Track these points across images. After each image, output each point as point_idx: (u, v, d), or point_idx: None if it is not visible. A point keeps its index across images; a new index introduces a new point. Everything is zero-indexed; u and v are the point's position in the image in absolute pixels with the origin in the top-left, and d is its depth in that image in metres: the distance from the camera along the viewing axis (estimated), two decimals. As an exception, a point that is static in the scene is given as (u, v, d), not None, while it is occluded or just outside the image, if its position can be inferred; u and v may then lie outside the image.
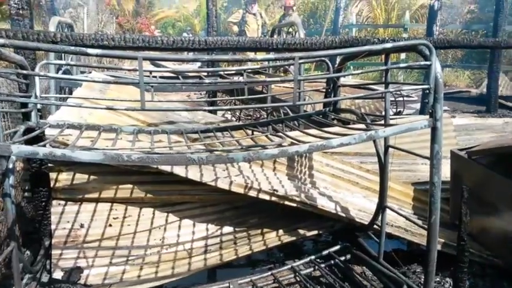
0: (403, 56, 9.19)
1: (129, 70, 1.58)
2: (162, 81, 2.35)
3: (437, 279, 2.28)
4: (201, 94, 5.38)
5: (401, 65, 2.12)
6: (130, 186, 2.36)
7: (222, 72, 3.77)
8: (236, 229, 2.50)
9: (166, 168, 2.26)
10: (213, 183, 2.31)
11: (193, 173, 2.29)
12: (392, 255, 2.35)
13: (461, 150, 2.61)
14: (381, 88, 3.08)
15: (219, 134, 2.37)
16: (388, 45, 1.66)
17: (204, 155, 1.47)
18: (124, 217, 2.37)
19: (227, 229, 2.48)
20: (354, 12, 11.94)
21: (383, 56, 1.96)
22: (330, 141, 1.60)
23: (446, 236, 2.44)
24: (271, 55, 1.62)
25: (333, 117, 2.86)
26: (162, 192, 2.44)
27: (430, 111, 1.71)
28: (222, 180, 2.34)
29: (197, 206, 2.51)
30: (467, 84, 9.79)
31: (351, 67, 9.74)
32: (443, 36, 10.55)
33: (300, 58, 1.55)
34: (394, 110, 4.99)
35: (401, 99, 4.99)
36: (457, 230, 1.83)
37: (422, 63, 1.69)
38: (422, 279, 2.00)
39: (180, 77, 3.66)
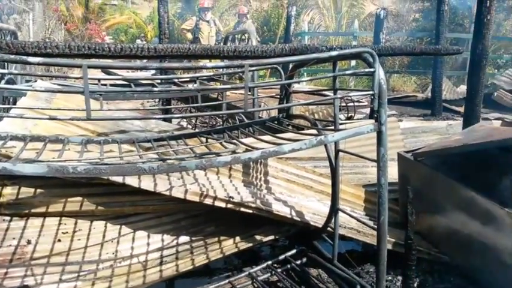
0: (353, 63, 9.53)
1: (75, 78, 1.53)
2: (111, 89, 2.29)
3: (389, 277, 2.36)
4: (154, 102, 5.29)
5: (347, 72, 2.20)
6: (80, 198, 2.27)
7: (176, 80, 3.73)
8: (193, 238, 2.46)
9: (118, 179, 2.20)
10: (167, 193, 2.27)
11: (146, 183, 2.24)
12: (346, 256, 2.41)
13: (407, 152, 2.74)
14: (331, 94, 3.18)
15: (173, 142, 2.33)
16: (334, 53, 1.72)
17: (155, 164, 1.44)
18: (74, 231, 2.27)
19: (183, 239, 2.44)
20: (306, 20, 12.24)
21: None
22: (281, 147, 1.63)
23: (396, 235, 2.54)
24: (222, 63, 1.62)
25: (287, 123, 2.91)
26: (114, 204, 2.36)
27: (375, 115, 1.78)
28: (177, 189, 2.30)
29: (152, 216, 2.46)
30: (414, 89, 10.28)
31: (305, 74, 9.97)
32: (390, 43, 11.04)
33: (250, 66, 1.57)
34: (346, 115, 5.16)
35: (352, 104, 5.17)
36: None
37: (366, 70, 1.76)
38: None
39: (132, 85, 3.58)
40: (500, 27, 13.02)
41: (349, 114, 5.28)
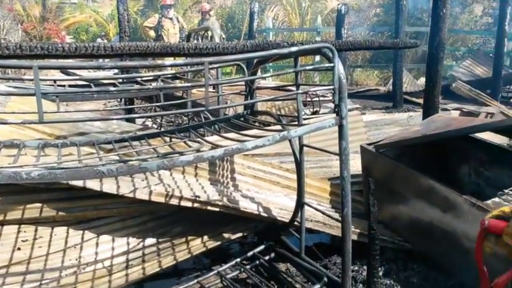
0: (317, 58, 9.65)
1: (28, 80, 1.46)
2: (66, 90, 2.21)
3: (356, 268, 2.42)
4: (117, 102, 5.16)
5: (308, 67, 2.22)
6: (40, 205, 2.19)
7: (138, 79, 3.64)
8: (159, 240, 2.43)
9: (78, 183, 2.13)
10: (131, 195, 2.22)
11: (108, 186, 2.19)
12: (313, 249, 2.44)
13: (369, 144, 2.80)
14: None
15: (135, 143, 2.28)
16: (294, 48, 1.73)
17: (114, 166, 1.40)
18: (34, 239, 2.19)
19: (150, 241, 2.40)
20: (270, 16, 12.28)
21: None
22: (244, 144, 1.62)
23: (362, 226, 2.59)
24: (181, 60, 1.60)
25: (253, 120, 2.90)
26: (76, 209, 2.29)
27: (336, 110, 1.81)
28: (141, 191, 2.26)
29: (116, 220, 2.40)
30: (377, 83, 10.53)
31: (271, 70, 9.99)
32: (351, 38, 11.24)
33: (210, 63, 1.55)
34: (312, 110, 5.22)
35: (317, 99, 5.24)
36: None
37: (326, 65, 1.78)
38: (342, 270, 2.10)
39: (92, 85, 3.47)
40: (457, 21, 13.53)
41: (315, 109, 5.35)
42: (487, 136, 2.82)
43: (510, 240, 0.99)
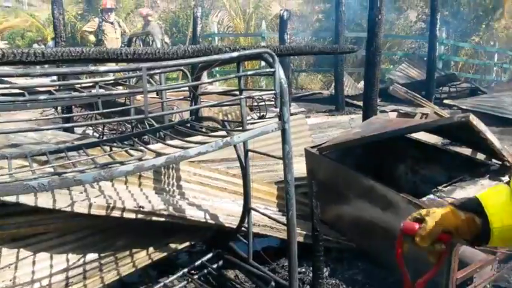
0: (264, 62, 9.73)
1: None
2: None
3: (303, 269, 2.45)
4: (54, 110, 4.89)
5: (249, 72, 2.23)
6: (-34, 224, 2.02)
7: (76, 86, 3.47)
8: (102, 254, 2.31)
9: (10, 198, 1.99)
10: (69, 209, 2.10)
11: (44, 200, 2.06)
12: (261, 254, 2.45)
13: (313, 147, 2.86)
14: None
15: (72, 153, 2.16)
16: (235, 54, 1.73)
17: (46, 180, 1.32)
18: (-39, 261, 2.01)
19: (91, 256, 2.28)
20: (215, 21, 12.26)
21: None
22: (187, 151, 1.59)
23: (308, 228, 2.62)
24: (116, 66, 1.54)
25: (198, 126, 2.86)
26: (9, 226, 2.13)
27: (279, 114, 1.83)
28: (80, 204, 2.14)
29: (54, 236, 2.26)
30: (321, 87, 10.85)
31: (217, 75, 9.97)
32: (295, 43, 11.50)
33: (149, 69, 1.51)
34: (259, 114, 5.26)
35: (263, 103, 5.29)
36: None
37: (267, 70, 1.79)
38: (290, 272, 2.12)
39: (26, 93, 3.25)
40: (393, 26, 14.28)
41: (261, 113, 5.40)
42: (423, 136, 2.99)
43: (420, 241, 1.02)
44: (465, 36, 12.67)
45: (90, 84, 3.68)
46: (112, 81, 3.92)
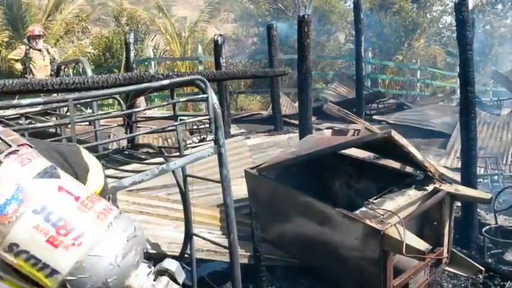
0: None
1: None
2: None
3: (249, 291, 2.45)
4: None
5: (182, 99, 2.25)
6: None
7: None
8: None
9: None
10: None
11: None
12: (206, 279, 2.42)
13: (252, 168, 2.91)
14: (185, 118, 3.19)
15: None
16: (166, 82, 1.74)
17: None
18: None
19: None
20: (151, 45, 12.15)
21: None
22: (121, 182, 1.56)
23: (252, 249, 2.65)
24: (40, 99, 1.48)
25: (136, 153, 2.80)
26: None
27: (214, 139, 1.85)
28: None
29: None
30: (260, 107, 11.05)
31: (156, 99, 9.83)
32: (232, 66, 11.70)
33: (75, 99, 1.48)
34: (199, 138, 5.25)
35: (203, 127, 5.29)
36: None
37: (200, 96, 1.82)
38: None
39: None
40: (324, 48, 15.02)
41: (202, 136, 5.39)
42: (357, 152, 3.15)
43: None
44: (390, 55, 13.64)
45: (17, 115, 3.48)
46: (41, 111, 3.74)
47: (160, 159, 2.19)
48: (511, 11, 17.38)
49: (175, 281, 0.81)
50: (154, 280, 0.80)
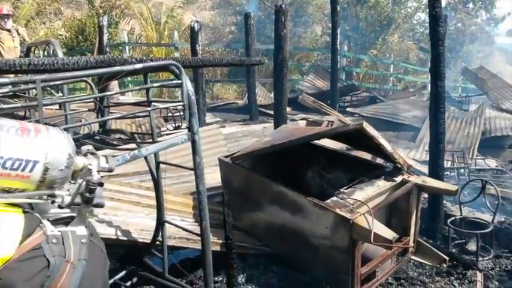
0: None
1: None
2: None
3: (220, 278, 2.46)
4: None
5: (155, 84, 2.22)
6: None
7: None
8: None
9: None
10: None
11: None
12: (178, 266, 2.42)
13: (226, 157, 2.91)
14: (158, 105, 3.14)
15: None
16: (139, 66, 1.71)
17: None
18: None
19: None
20: (126, 30, 11.84)
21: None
22: (90, 167, 1.53)
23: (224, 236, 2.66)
24: (7, 79, 1.43)
25: (108, 139, 2.75)
26: None
27: (188, 126, 1.84)
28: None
29: None
30: (236, 96, 11.00)
31: (130, 85, 9.61)
32: (209, 54, 11.58)
33: (43, 81, 1.43)
34: (174, 125, 5.20)
35: (178, 114, 5.24)
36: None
37: (174, 82, 1.80)
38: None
39: None
40: (301, 39, 15.05)
41: (177, 124, 5.34)
42: (331, 143, 3.19)
43: None
44: (364, 49, 13.81)
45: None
46: (9, 93, 3.60)
47: (133, 146, 2.16)
48: (481, 10, 17.89)
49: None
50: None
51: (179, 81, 1.78)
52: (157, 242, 2.40)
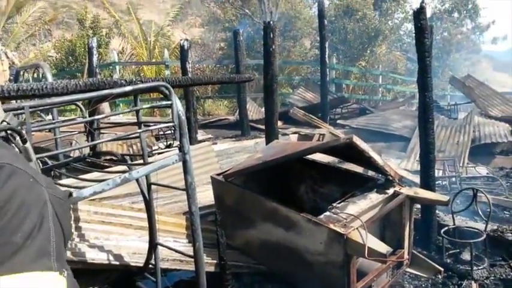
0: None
1: None
2: None
3: (216, 299, 2.43)
4: None
5: (145, 106, 2.22)
6: None
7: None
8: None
9: None
10: None
11: None
12: (171, 289, 2.39)
13: (218, 175, 2.90)
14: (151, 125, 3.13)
15: None
16: (128, 88, 1.71)
17: None
18: None
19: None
20: (116, 49, 11.88)
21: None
22: (80, 192, 1.52)
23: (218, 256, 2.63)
24: (-6, 107, 1.42)
25: (98, 162, 2.72)
26: None
27: (179, 146, 1.84)
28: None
29: None
30: (227, 112, 11.03)
31: (120, 104, 9.61)
32: (199, 71, 11.64)
33: (32, 107, 1.43)
34: (165, 143, 5.19)
35: (169, 132, 5.23)
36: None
37: (164, 103, 1.80)
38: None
39: None
40: (291, 53, 15.20)
41: (168, 142, 5.33)
42: (321, 156, 3.19)
43: None
44: (353, 61, 13.99)
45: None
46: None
47: (124, 167, 2.15)
48: (467, 19, 18.26)
49: None
50: None
51: (169, 102, 1.78)
52: (150, 265, 2.36)
